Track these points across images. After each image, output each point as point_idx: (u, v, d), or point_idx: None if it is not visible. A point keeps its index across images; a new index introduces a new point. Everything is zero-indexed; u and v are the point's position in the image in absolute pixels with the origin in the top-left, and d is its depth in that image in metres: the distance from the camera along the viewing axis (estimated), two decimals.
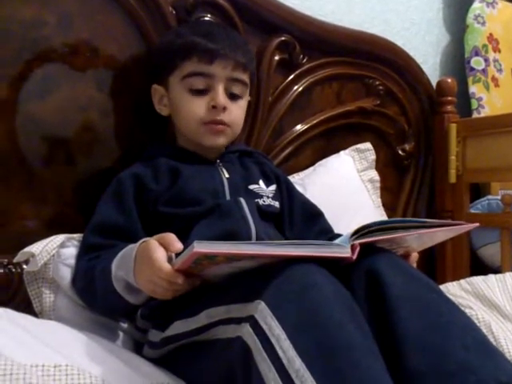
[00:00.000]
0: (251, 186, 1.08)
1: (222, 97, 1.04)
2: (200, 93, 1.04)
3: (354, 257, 0.73)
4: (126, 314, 0.96)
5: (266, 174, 1.13)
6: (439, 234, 0.90)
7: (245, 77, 1.09)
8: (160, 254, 0.76)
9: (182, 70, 1.05)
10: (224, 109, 1.04)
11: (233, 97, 1.07)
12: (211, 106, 1.03)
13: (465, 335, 0.68)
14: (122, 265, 0.85)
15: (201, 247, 0.66)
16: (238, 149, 1.15)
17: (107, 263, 0.87)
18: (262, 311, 0.66)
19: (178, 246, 0.77)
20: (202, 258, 0.69)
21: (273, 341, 0.63)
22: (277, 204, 1.09)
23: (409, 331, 0.68)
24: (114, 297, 0.86)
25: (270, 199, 1.08)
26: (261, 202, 1.05)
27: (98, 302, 0.92)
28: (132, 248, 0.84)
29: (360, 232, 0.75)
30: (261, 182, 1.10)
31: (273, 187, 1.11)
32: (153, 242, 0.78)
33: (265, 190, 1.09)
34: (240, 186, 1.06)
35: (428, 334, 0.68)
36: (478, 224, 0.94)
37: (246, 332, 0.67)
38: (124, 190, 0.99)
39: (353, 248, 0.73)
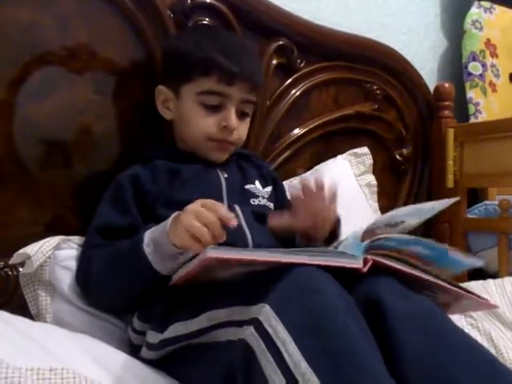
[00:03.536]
0: (247, 186, 1.08)
1: (233, 118, 1.04)
2: (212, 109, 1.04)
3: (365, 269, 0.73)
4: (144, 292, 0.91)
5: (262, 176, 1.14)
6: (460, 303, 0.88)
7: (256, 96, 1.09)
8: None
9: (199, 84, 1.04)
10: (233, 129, 1.05)
11: (242, 115, 1.08)
12: (222, 125, 1.04)
13: (469, 361, 0.67)
14: (155, 230, 0.86)
15: (214, 253, 0.68)
16: (236, 152, 1.14)
17: (138, 235, 0.88)
18: (266, 314, 0.66)
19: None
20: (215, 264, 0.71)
21: (278, 344, 0.63)
22: (271, 205, 1.10)
23: (411, 358, 0.67)
24: (141, 267, 0.85)
25: (266, 200, 1.09)
26: (256, 201, 1.06)
27: (119, 280, 0.90)
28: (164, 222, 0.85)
29: (373, 240, 0.75)
30: (257, 182, 1.11)
31: (269, 188, 1.12)
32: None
33: (260, 191, 1.10)
34: (237, 186, 1.07)
35: (430, 361, 0.66)
36: (499, 306, 0.94)
37: (250, 334, 0.67)
38: (123, 191, 0.99)
39: (365, 261, 0.74)
